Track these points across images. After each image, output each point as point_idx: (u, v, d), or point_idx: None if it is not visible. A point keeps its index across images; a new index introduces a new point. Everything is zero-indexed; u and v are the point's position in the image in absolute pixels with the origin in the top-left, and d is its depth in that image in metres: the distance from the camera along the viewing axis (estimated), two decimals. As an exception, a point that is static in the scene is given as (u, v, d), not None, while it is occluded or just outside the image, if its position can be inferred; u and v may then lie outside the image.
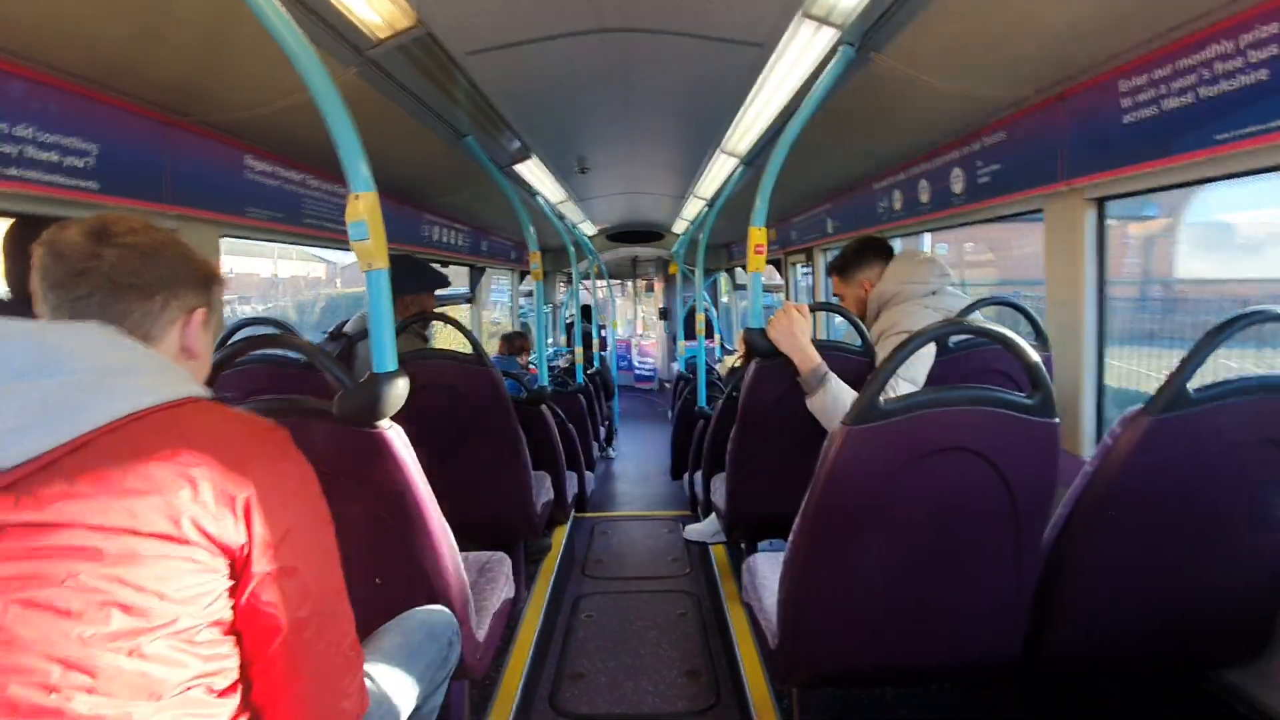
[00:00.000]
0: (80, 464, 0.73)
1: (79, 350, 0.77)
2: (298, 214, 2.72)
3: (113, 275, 0.85)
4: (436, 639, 1.29)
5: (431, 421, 2.05)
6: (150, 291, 0.88)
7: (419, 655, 1.22)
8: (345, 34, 1.70)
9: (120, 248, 0.85)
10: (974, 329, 1.31)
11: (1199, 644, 1.43)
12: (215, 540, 0.77)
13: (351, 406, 1.17)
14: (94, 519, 0.72)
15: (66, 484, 0.72)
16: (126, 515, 0.73)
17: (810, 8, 1.69)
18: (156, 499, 0.74)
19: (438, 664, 1.28)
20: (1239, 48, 1.38)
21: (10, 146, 1.57)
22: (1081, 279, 2.02)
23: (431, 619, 1.31)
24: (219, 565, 0.79)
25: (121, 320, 0.85)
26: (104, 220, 0.87)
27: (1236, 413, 1.17)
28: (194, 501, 0.76)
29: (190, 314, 0.93)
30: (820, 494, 1.23)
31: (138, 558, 0.73)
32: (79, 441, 0.73)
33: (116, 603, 0.72)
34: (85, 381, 0.75)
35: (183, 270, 0.92)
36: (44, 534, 0.71)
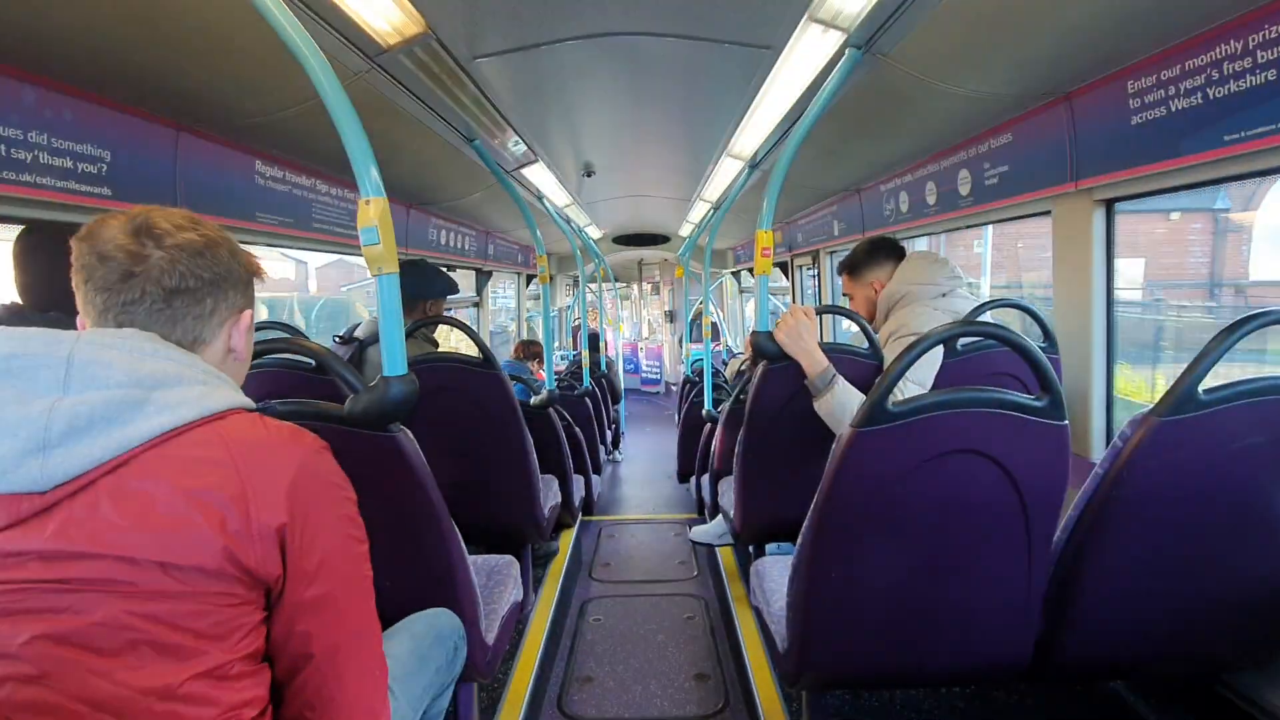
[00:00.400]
0: (117, 486, 0.70)
1: (120, 361, 0.74)
2: (307, 219, 2.74)
3: (163, 280, 0.81)
4: (443, 642, 1.29)
5: (440, 425, 2.06)
6: (201, 295, 0.85)
7: (428, 659, 1.23)
8: (354, 40, 1.71)
9: (169, 249, 0.81)
10: (982, 331, 1.31)
11: (1212, 647, 1.42)
12: (252, 572, 0.75)
13: (361, 410, 1.18)
14: (126, 549, 0.69)
15: (101, 509, 0.69)
16: (159, 547, 0.69)
17: (816, 11, 1.69)
18: (191, 528, 0.71)
19: (445, 667, 1.29)
20: (1248, 47, 1.37)
21: (24, 153, 1.59)
22: (1090, 281, 2.01)
23: (438, 622, 1.31)
24: (254, 597, 0.76)
25: (173, 326, 0.82)
26: (149, 216, 0.83)
27: (1247, 414, 1.16)
28: (232, 532, 0.73)
29: (239, 314, 0.91)
30: (828, 497, 1.23)
31: (171, 592, 0.70)
32: (118, 461, 0.70)
33: (149, 641, 0.69)
34: (128, 396, 0.72)
35: (233, 269, 0.89)
36: (75, 564, 0.68)
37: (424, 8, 1.63)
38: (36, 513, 0.68)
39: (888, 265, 2.10)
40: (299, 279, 18.23)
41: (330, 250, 3.06)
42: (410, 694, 1.15)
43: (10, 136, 1.55)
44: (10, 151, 1.55)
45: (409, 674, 1.16)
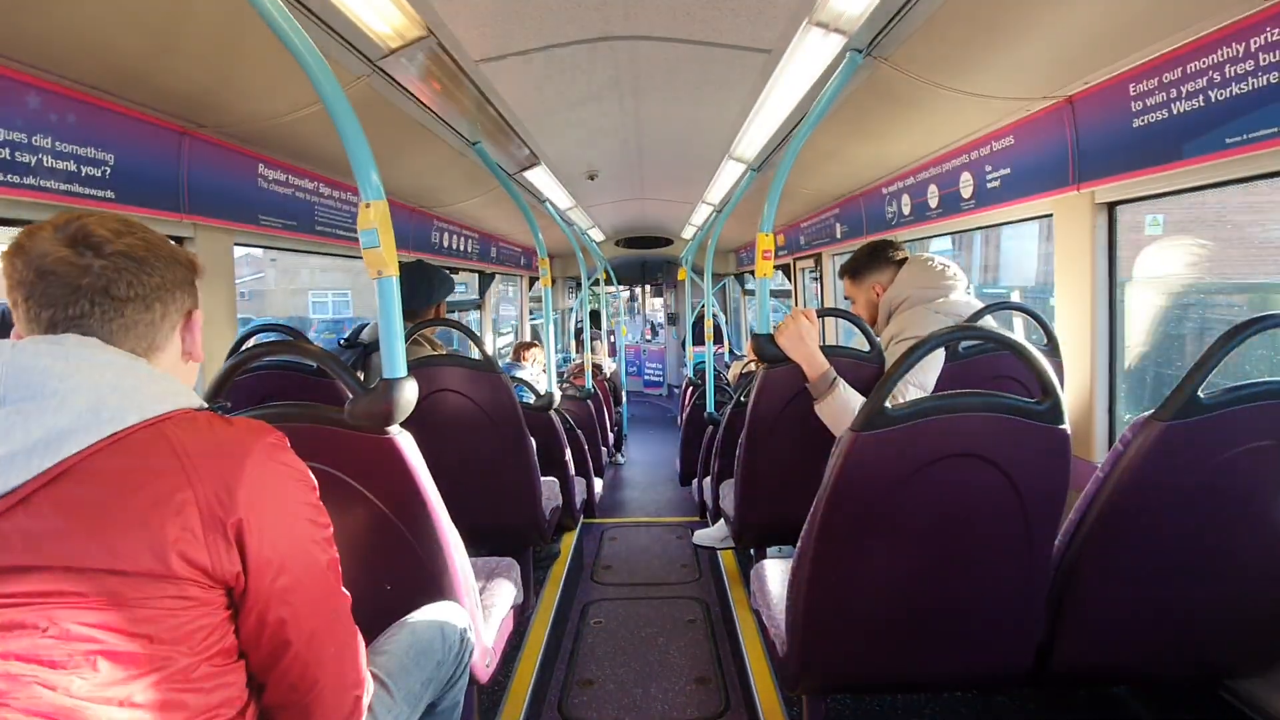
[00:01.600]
0: (57, 496, 0.68)
1: (57, 368, 0.71)
2: (310, 222, 2.75)
3: (111, 289, 0.78)
4: (447, 636, 1.28)
5: (441, 427, 2.07)
6: (150, 300, 0.82)
7: (427, 654, 1.22)
8: (356, 44, 1.72)
9: (111, 257, 0.79)
10: (983, 334, 1.31)
11: (1214, 652, 1.41)
12: (207, 572, 0.73)
13: (361, 412, 1.19)
14: (72, 559, 0.67)
15: (42, 519, 0.67)
16: (107, 553, 0.67)
17: (817, 15, 1.69)
18: (139, 532, 0.69)
19: (451, 661, 1.28)
20: (1250, 50, 1.37)
21: (28, 156, 1.60)
22: (1092, 284, 2.01)
23: (443, 615, 1.31)
24: (213, 598, 0.75)
25: (125, 335, 0.80)
26: (83, 224, 0.79)
27: (1249, 418, 1.16)
28: (181, 531, 0.71)
29: (189, 316, 0.89)
30: (828, 499, 1.23)
31: (122, 600, 0.68)
32: (57, 470, 0.68)
33: (103, 651, 0.67)
34: (66, 403, 0.69)
35: (176, 271, 0.86)
36: (20, 578, 0.66)
37: (425, 11, 1.64)
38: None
39: (889, 269, 2.09)
40: (253, 271, 18.31)
41: (333, 254, 3.07)
42: (406, 691, 1.15)
43: (14, 140, 1.56)
44: (14, 154, 1.56)
45: (405, 670, 1.16)
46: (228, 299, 2.33)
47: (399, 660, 1.16)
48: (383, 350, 1.22)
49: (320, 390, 2.13)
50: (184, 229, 2.13)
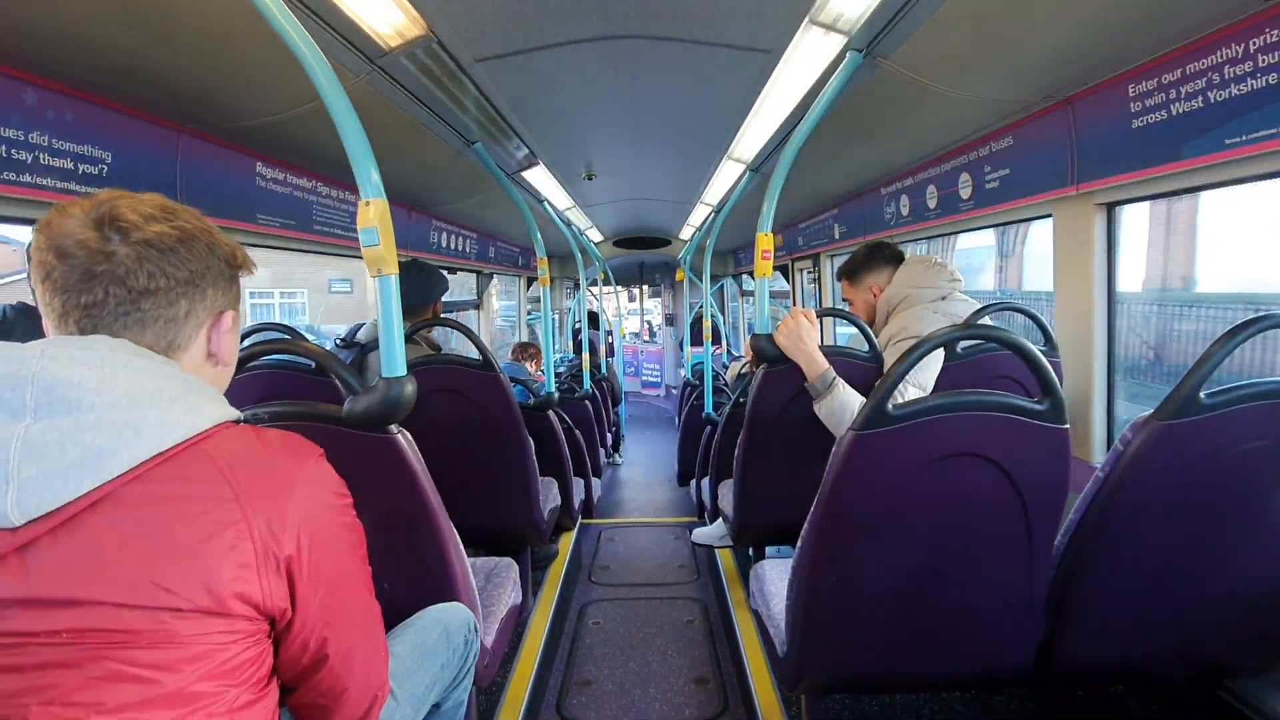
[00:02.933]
0: (101, 523, 0.63)
1: (92, 379, 0.65)
2: (308, 221, 2.74)
3: (129, 280, 0.72)
4: (451, 637, 1.28)
5: (440, 427, 2.06)
6: (175, 295, 0.76)
7: (432, 655, 1.22)
8: (356, 43, 1.72)
9: (136, 245, 0.72)
10: (983, 334, 1.31)
11: (1214, 652, 1.41)
12: (259, 607, 0.70)
13: (360, 411, 1.18)
14: (121, 594, 0.62)
15: (85, 549, 0.62)
16: (158, 589, 0.63)
17: (817, 15, 1.69)
18: (192, 566, 0.65)
19: (455, 661, 1.28)
20: (1249, 51, 1.37)
21: (25, 153, 1.59)
22: (1092, 284, 2.01)
23: (447, 616, 1.30)
24: (259, 629, 0.72)
25: (141, 331, 0.74)
26: (114, 205, 0.73)
27: (1248, 418, 1.16)
28: (237, 568, 0.67)
29: (219, 316, 0.82)
30: (828, 500, 1.23)
31: (176, 637, 0.64)
32: (98, 494, 0.63)
33: (158, 695, 0.63)
34: (104, 419, 0.64)
35: (211, 264, 0.79)
36: (60, 613, 0.61)
37: (425, 10, 1.64)
38: (8, 551, 0.61)
39: (886, 270, 2.10)
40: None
41: (331, 252, 3.06)
42: (410, 693, 1.14)
43: (11, 137, 1.56)
44: (11, 152, 1.56)
45: (409, 672, 1.15)
46: None
47: (403, 663, 1.15)
48: (382, 349, 1.22)
49: (318, 390, 2.12)
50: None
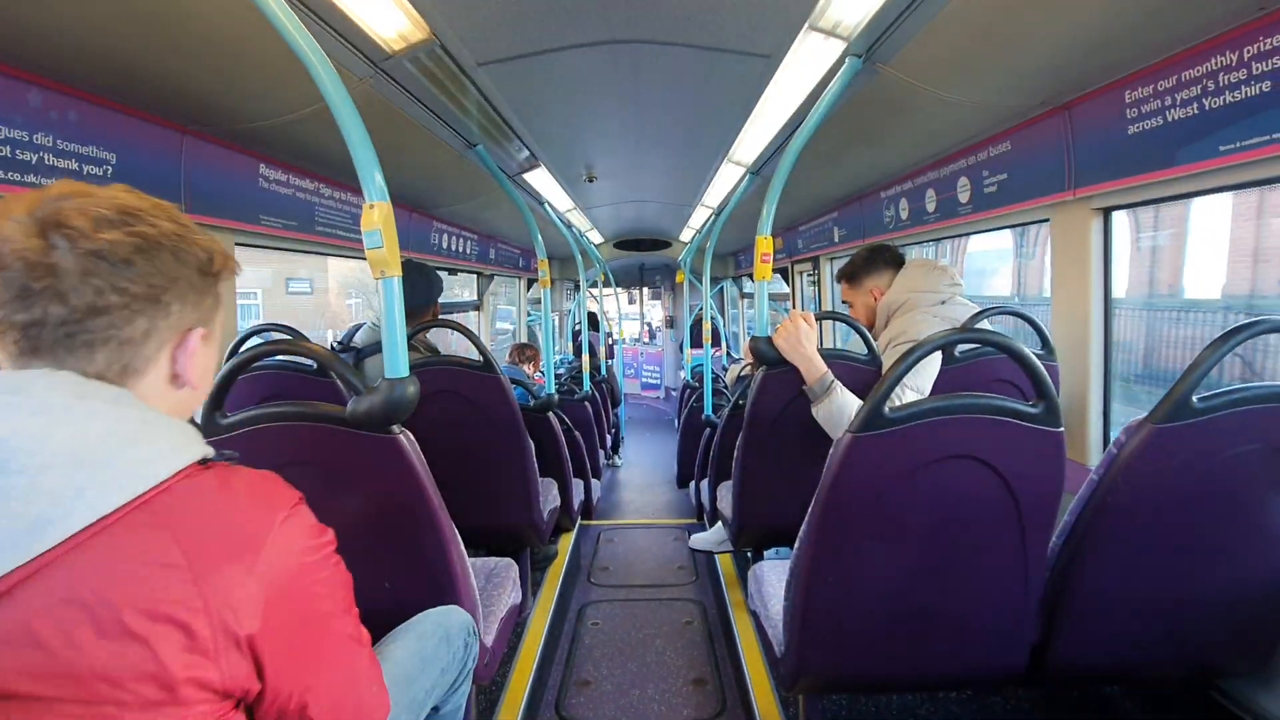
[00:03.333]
0: (34, 602, 0.54)
1: (24, 433, 0.57)
2: (310, 222, 2.76)
3: (71, 297, 0.61)
4: (451, 641, 1.27)
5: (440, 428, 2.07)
6: (130, 314, 0.65)
7: (432, 660, 1.21)
8: (360, 46, 1.73)
9: (83, 255, 0.61)
10: (978, 337, 1.32)
11: (1207, 653, 1.43)
12: (221, 691, 0.62)
13: (363, 412, 1.19)
14: (60, 688, 0.54)
15: (15, 633, 0.54)
16: (102, 682, 0.55)
17: (817, 20, 1.71)
18: (139, 654, 0.56)
19: (455, 666, 1.27)
20: (1243, 59, 1.39)
21: (29, 154, 1.61)
22: (1089, 289, 2.02)
23: (446, 620, 1.30)
24: (224, 709, 0.64)
25: (89, 355, 0.64)
26: (60, 206, 0.61)
27: (1241, 421, 1.17)
28: (190, 655, 0.58)
29: (185, 334, 0.71)
30: (826, 501, 1.24)
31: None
32: (31, 568, 0.55)
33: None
34: (37, 485, 0.55)
35: (178, 276, 0.68)
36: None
37: (429, 14, 1.65)
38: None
39: (886, 273, 2.10)
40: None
41: (334, 254, 3.08)
42: (411, 698, 1.14)
43: (15, 138, 1.57)
44: (16, 152, 1.57)
45: (409, 677, 1.15)
46: (228, 300, 2.34)
47: (403, 668, 1.15)
48: (385, 350, 1.23)
49: (321, 390, 2.13)
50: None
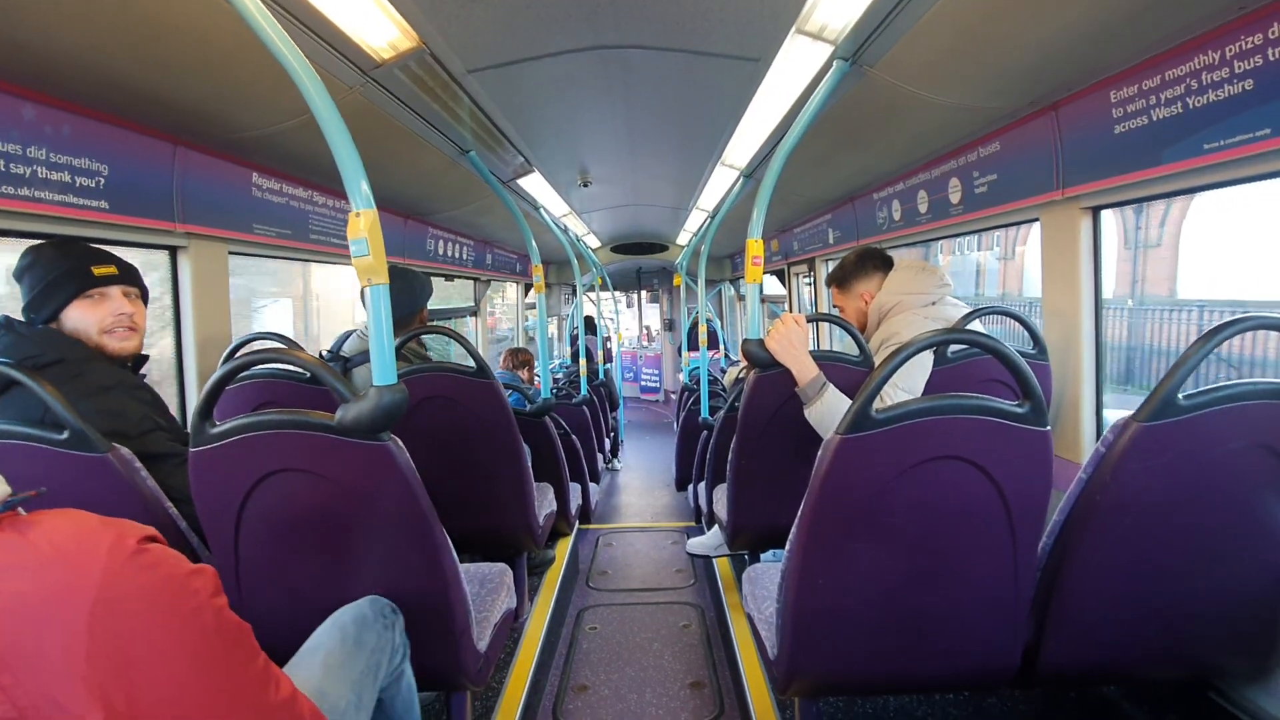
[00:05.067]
0: None
1: None
2: (304, 230, 2.76)
3: None
4: (368, 625, 1.26)
5: (434, 434, 2.08)
6: None
7: (361, 643, 1.22)
8: (349, 55, 1.74)
9: None
10: (963, 338, 1.32)
11: (1200, 653, 1.42)
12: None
13: (351, 419, 1.19)
14: None
15: None
16: None
17: (804, 24, 1.72)
18: None
19: (385, 646, 1.27)
20: (1224, 58, 1.40)
21: (24, 168, 1.62)
22: (1079, 287, 2.03)
23: (360, 610, 1.29)
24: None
25: None
26: None
27: (1227, 418, 1.17)
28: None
29: None
30: (815, 503, 1.24)
31: None
32: None
33: None
34: None
35: None
36: None
37: (417, 23, 1.66)
38: None
39: (876, 276, 2.10)
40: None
41: (327, 261, 3.08)
42: (347, 679, 1.16)
43: (10, 151, 1.58)
44: (10, 166, 1.58)
45: (341, 664, 1.17)
46: (222, 308, 2.34)
47: (334, 654, 1.17)
48: (373, 357, 1.23)
49: (312, 399, 2.14)
50: (178, 238, 2.14)
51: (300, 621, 1.25)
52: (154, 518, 1.34)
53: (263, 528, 1.30)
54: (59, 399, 1.27)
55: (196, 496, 1.28)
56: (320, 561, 1.36)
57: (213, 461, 1.24)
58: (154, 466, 1.40)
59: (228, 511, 1.28)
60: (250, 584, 1.35)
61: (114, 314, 1.54)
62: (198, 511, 1.30)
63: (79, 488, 1.31)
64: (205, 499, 1.28)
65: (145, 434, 1.46)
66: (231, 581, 1.34)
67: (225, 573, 1.34)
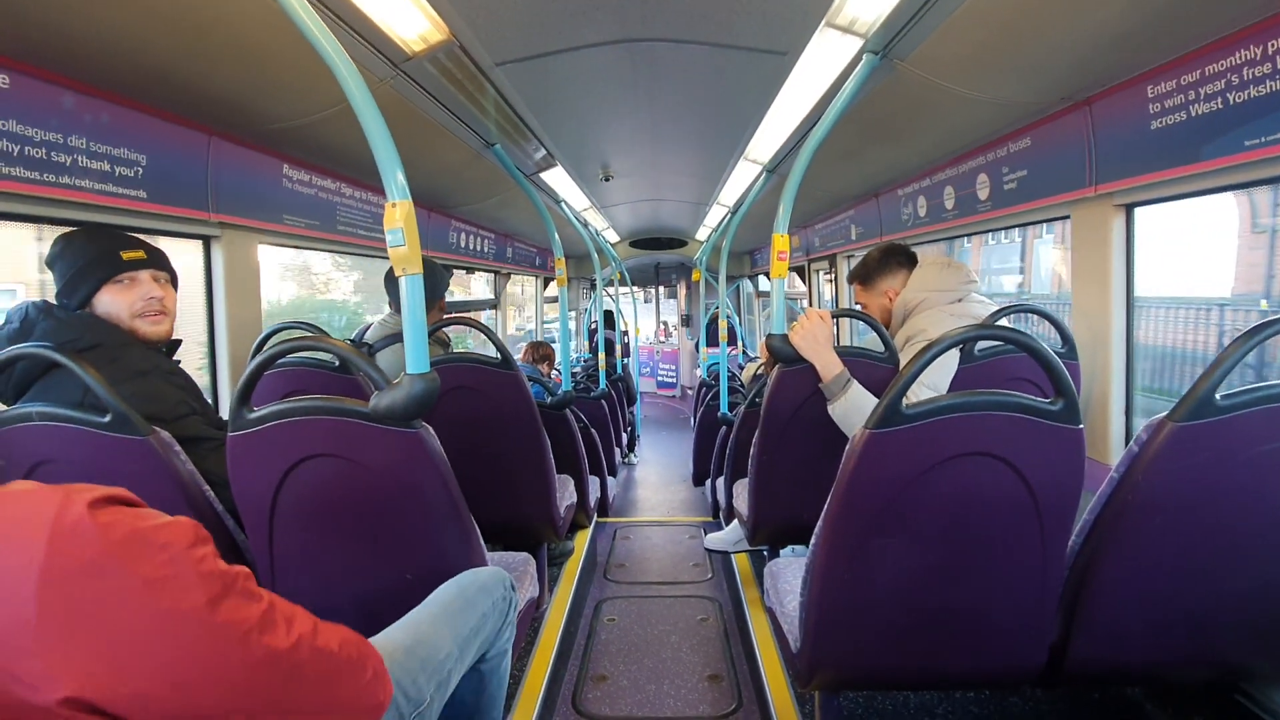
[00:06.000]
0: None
1: None
2: (332, 221, 2.80)
3: None
4: (489, 590, 1.33)
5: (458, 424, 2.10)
6: None
7: (474, 603, 1.27)
8: (381, 48, 1.76)
9: None
10: (996, 334, 1.32)
11: (1228, 654, 1.41)
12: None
13: (386, 406, 1.22)
14: None
15: None
16: None
17: (834, 17, 1.71)
18: None
19: (495, 613, 1.32)
20: (1267, 54, 1.37)
21: (65, 156, 1.65)
22: (1110, 286, 2.00)
23: (480, 576, 1.35)
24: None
25: None
26: None
27: (1265, 420, 1.15)
28: None
29: None
30: (842, 498, 1.24)
31: None
32: None
33: None
34: None
35: None
36: None
37: (448, 16, 1.68)
38: None
39: (900, 273, 2.08)
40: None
41: (354, 252, 3.12)
42: (456, 631, 1.20)
43: (51, 140, 1.62)
44: (51, 154, 1.62)
45: (452, 615, 1.22)
46: (254, 298, 2.38)
47: (446, 606, 1.23)
48: (407, 345, 1.25)
49: (341, 386, 2.17)
50: (211, 228, 2.18)
51: (331, 603, 1.28)
52: (192, 501, 1.37)
53: (296, 511, 1.32)
54: (101, 382, 1.30)
55: (234, 480, 1.31)
56: (352, 546, 1.38)
57: (250, 446, 1.27)
58: (190, 450, 1.43)
59: (264, 495, 1.31)
60: (284, 566, 1.38)
61: (144, 298, 1.56)
62: (234, 495, 1.33)
63: (119, 470, 1.34)
64: (242, 482, 1.31)
65: (181, 418, 1.49)
66: (266, 564, 1.38)
67: (260, 555, 1.37)
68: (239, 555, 1.45)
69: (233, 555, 1.44)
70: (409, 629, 1.16)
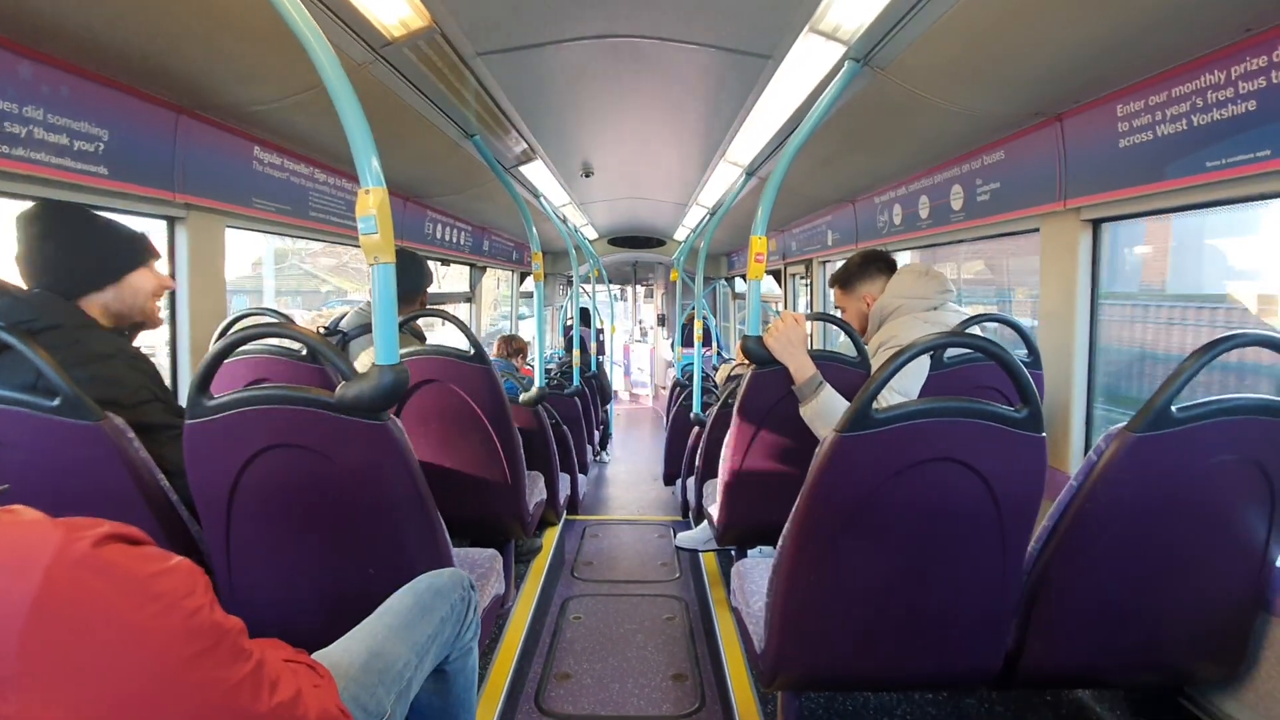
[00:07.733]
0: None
1: None
2: (304, 207, 2.74)
3: None
4: (445, 594, 1.30)
5: (428, 417, 2.07)
6: None
7: (431, 609, 1.24)
8: (360, 31, 1.73)
9: None
10: (965, 342, 1.34)
11: (1177, 660, 1.45)
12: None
13: (352, 397, 1.19)
14: None
15: None
16: None
17: (817, 23, 1.72)
18: None
19: (454, 618, 1.30)
20: (1230, 78, 1.41)
21: (19, 127, 1.58)
22: (1074, 298, 2.05)
23: (437, 580, 1.32)
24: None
25: None
26: None
27: (1219, 433, 1.19)
28: None
29: None
30: (810, 499, 1.25)
31: None
32: None
33: None
34: None
35: None
36: None
37: (430, 3, 1.65)
38: None
39: (880, 279, 2.11)
40: None
41: (326, 239, 3.06)
42: (413, 640, 1.18)
43: (4, 110, 1.55)
44: (4, 124, 1.55)
45: (408, 624, 1.19)
46: (218, 282, 2.32)
47: (402, 616, 1.19)
48: (376, 337, 1.23)
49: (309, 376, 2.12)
50: (176, 209, 2.12)
51: (291, 597, 1.25)
52: (144, 489, 1.33)
53: (256, 503, 1.29)
54: (52, 365, 1.25)
55: (190, 469, 1.27)
56: (313, 539, 1.35)
57: (209, 434, 1.23)
58: (148, 438, 1.38)
59: (221, 485, 1.27)
60: (241, 559, 1.34)
61: (165, 285, 1.57)
62: (190, 485, 1.29)
63: (69, 456, 1.29)
64: (199, 472, 1.27)
65: (141, 404, 1.44)
66: (222, 557, 1.33)
67: (215, 547, 1.33)
68: (192, 547, 1.41)
69: (186, 547, 1.39)
70: (364, 640, 1.13)
